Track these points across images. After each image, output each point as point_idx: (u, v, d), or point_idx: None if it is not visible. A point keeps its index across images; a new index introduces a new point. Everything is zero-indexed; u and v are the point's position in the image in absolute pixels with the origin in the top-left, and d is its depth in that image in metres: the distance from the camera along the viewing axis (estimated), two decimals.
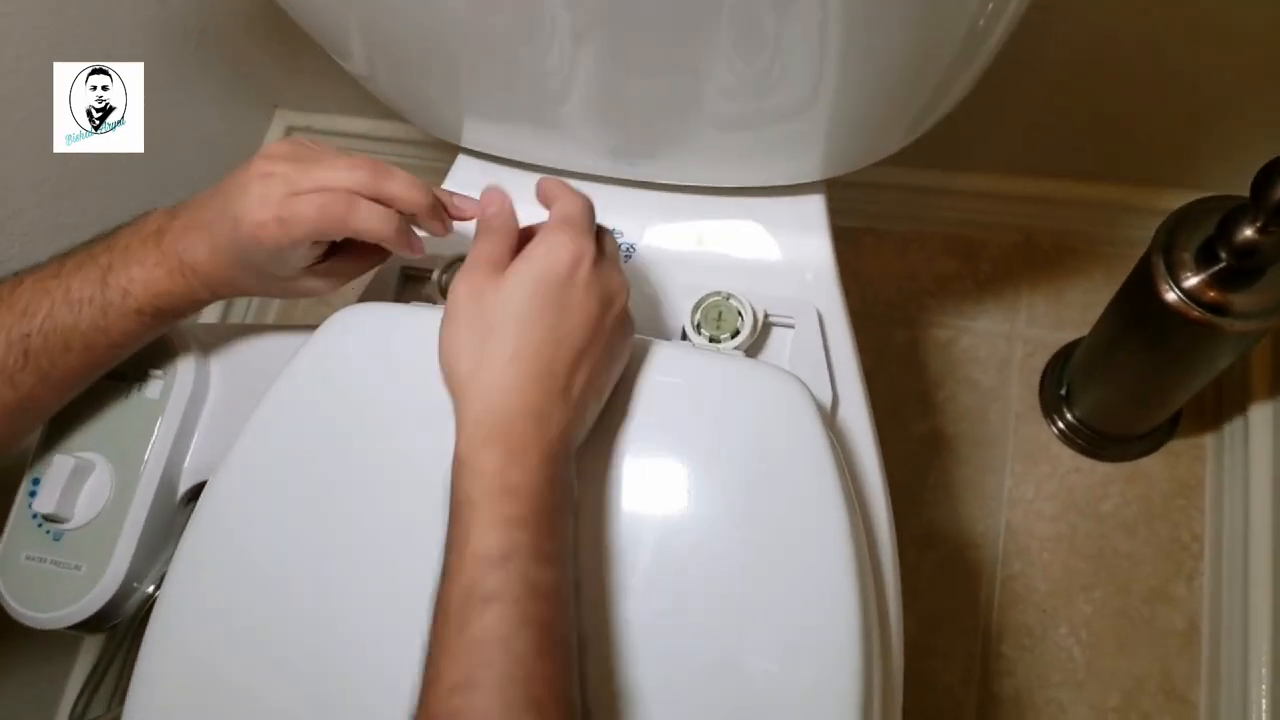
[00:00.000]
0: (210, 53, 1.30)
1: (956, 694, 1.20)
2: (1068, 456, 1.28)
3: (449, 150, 0.92)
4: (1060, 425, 1.28)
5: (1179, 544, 1.22)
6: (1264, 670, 1.07)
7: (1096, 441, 1.26)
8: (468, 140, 0.88)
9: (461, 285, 0.60)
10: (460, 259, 0.78)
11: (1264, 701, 1.06)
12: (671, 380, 0.68)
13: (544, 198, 0.65)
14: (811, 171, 0.82)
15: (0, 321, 0.65)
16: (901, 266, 1.40)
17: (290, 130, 1.50)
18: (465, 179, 0.90)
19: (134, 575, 0.75)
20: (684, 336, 0.78)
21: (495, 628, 0.49)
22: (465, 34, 0.70)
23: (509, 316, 0.58)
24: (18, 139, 1.02)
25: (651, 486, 0.65)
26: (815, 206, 0.85)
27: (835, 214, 0.86)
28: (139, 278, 0.66)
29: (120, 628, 0.78)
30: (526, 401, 0.56)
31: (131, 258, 0.66)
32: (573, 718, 0.50)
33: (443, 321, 0.61)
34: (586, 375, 0.60)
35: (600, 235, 0.64)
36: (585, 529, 0.63)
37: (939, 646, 1.22)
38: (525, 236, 0.63)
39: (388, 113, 0.88)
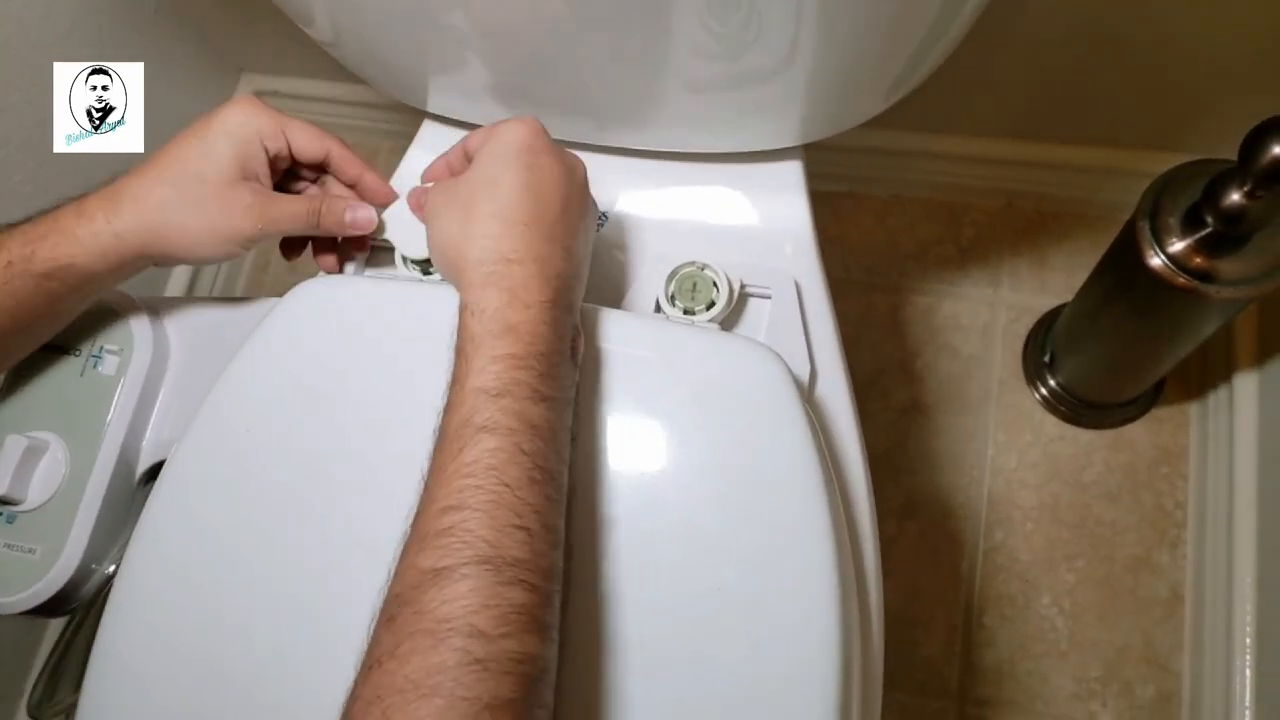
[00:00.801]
0: (171, 17, 1.28)
1: (938, 665, 1.19)
2: (1051, 424, 1.27)
3: (415, 114, 0.90)
4: (1043, 392, 1.27)
5: (1162, 512, 1.21)
6: (1248, 640, 1.07)
7: (1080, 409, 1.25)
8: (433, 105, 0.86)
9: (434, 190, 0.66)
10: None
11: (1248, 671, 1.06)
12: (645, 355, 0.66)
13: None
14: (788, 136, 0.80)
15: None
16: (882, 231, 1.38)
17: (257, 95, 1.46)
18: (431, 143, 0.88)
19: (92, 557, 0.74)
20: (658, 308, 0.76)
21: (488, 456, 0.51)
22: None
23: (483, 183, 0.61)
24: None
25: (624, 465, 0.64)
26: (793, 173, 0.83)
27: (814, 178, 0.84)
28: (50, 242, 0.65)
29: (80, 610, 0.76)
30: (517, 246, 0.59)
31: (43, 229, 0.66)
32: (558, 548, 0.52)
33: (428, 231, 0.65)
34: (569, 228, 0.62)
35: None
36: None
37: (920, 617, 1.21)
38: None
39: (355, 76, 0.86)
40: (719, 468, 0.64)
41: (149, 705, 0.63)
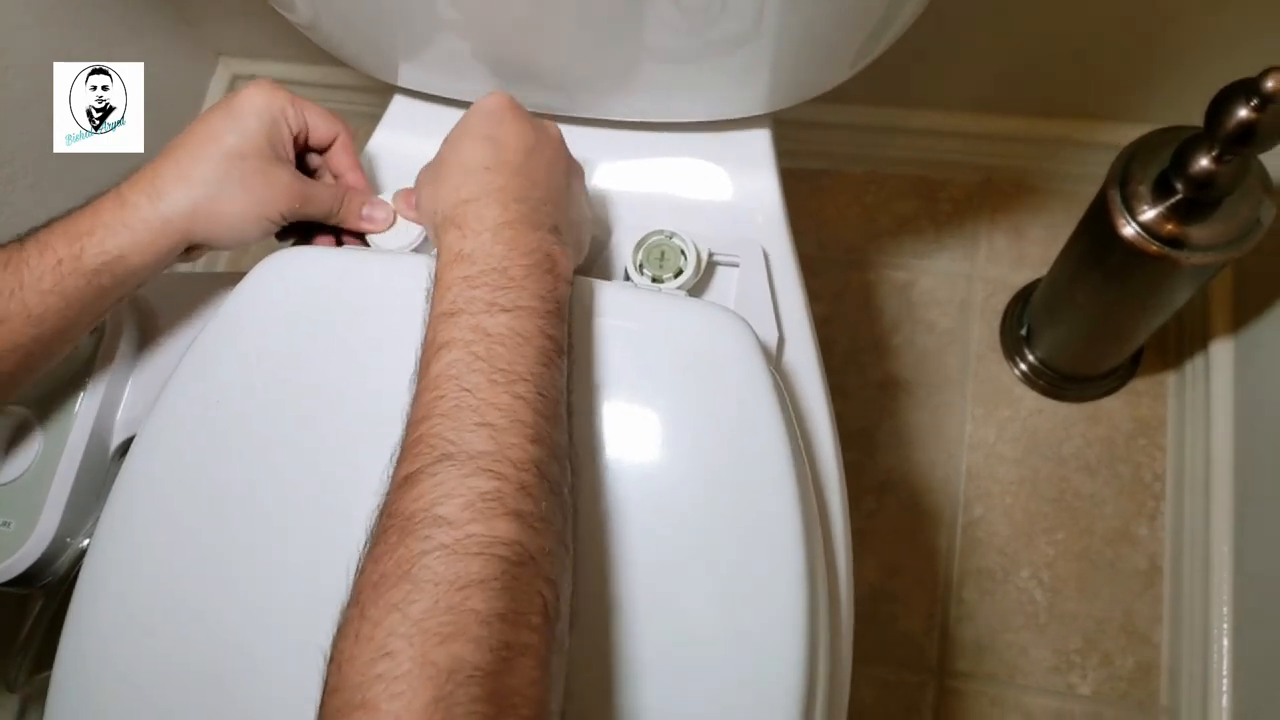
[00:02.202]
0: (149, 1, 1.28)
1: (918, 639, 1.19)
2: (1029, 398, 1.27)
3: (390, 95, 0.91)
4: (1022, 366, 1.28)
5: (1141, 484, 1.22)
6: (1225, 609, 1.08)
7: (1058, 382, 1.25)
8: (404, 79, 0.86)
9: (421, 171, 0.71)
10: None
11: (1225, 640, 1.07)
12: (612, 321, 0.67)
13: None
14: (756, 104, 0.80)
15: None
16: (860, 208, 1.39)
17: (235, 79, 1.47)
18: (401, 120, 0.90)
19: (66, 531, 0.75)
20: (626, 277, 0.76)
21: (448, 368, 0.53)
22: None
23: (450, 147, 0.66)
24: None
25: (593, 428, 0.64)
26: (761, 142, 0.84)
27: (791, 155, 0.84)
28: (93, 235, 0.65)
29: (54, 585, 0.76)
30: (474, 188, 0.62)
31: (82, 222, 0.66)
32: (539, 443, 0.52)
33: (419, 205, 0.71)
34: (537, 166, 0.65)
35: None
36: None
37: (900, 593, 1.21)
38: None
39: (333, 59, 0.86)
40: (686, 430, 0.64)
41: (119, 677, 0.63)
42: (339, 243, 0.78)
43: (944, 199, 1.37)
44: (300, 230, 0.76)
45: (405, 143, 0.86)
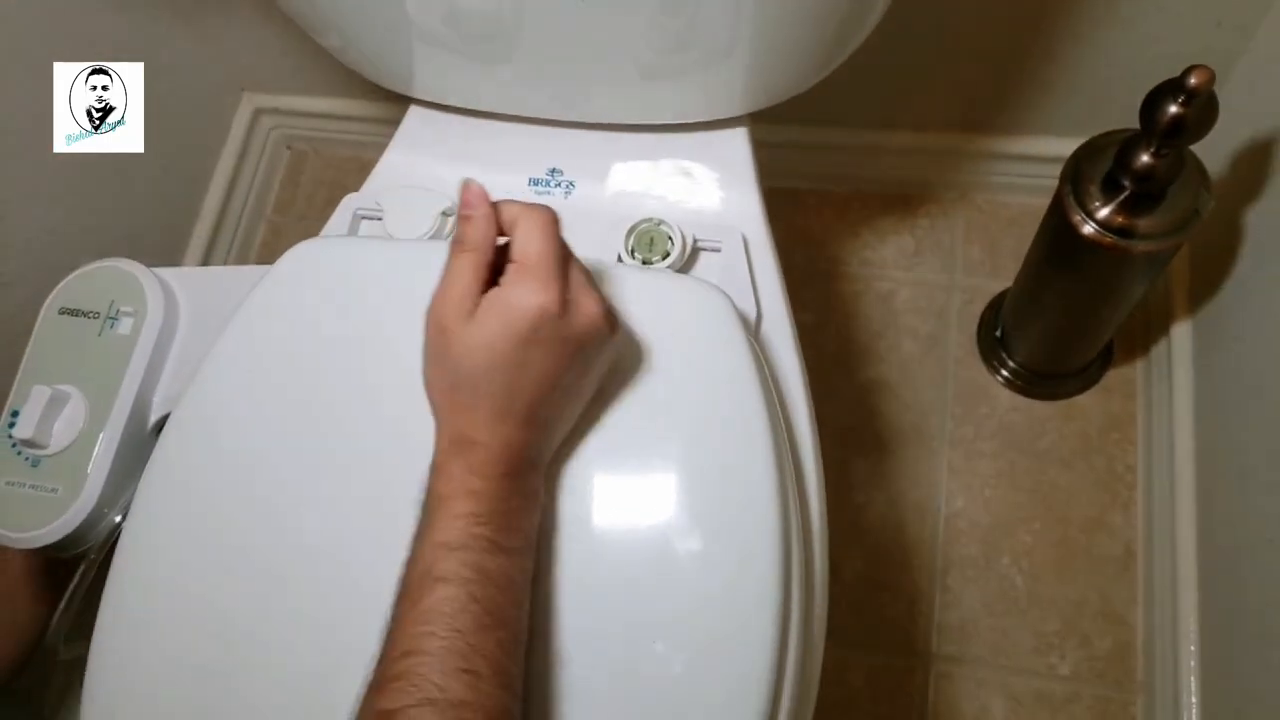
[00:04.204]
0: (176, 34, 1.34)
1: (905, 625, 1.25)
2: (1005, 397, 1.34)
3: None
4: (997, 367, 1.34)
5: (1114, 475, 1.28)
6: (1193, 587, 1.13)
7: (1033, 381, 1.32)
8: (418, 89, 0.93)
9: (431, 318, 0.62)
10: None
11: (1192, 617, 1.12)
12: (606, 295, 0.72)
13: (505, 224, 0.62)
14: (733, 105, 0.87)
15: None
16: (844, 225, 1.46)
17: (258, 112, 1.55)
18: (416, 128, 0.96)
19: (106, 500, 0.79)
20: (619, 262, 0.84)
21: (442, 604, 0.54)
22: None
23: (471, 373, 0.60)
24: None
25: None
26: (740, 141, 0.91)
27: (782, 176, 0.88)
28: None
29: (89, 555, 0.82)
30: (484, 433, 0.60)
31: None
32: (509, 689, 0.55)
33: (424, 364, 0.64)
34: (548, 407, 0.63)
35: (568, 265, 0.62)
36: None
37: (888, 581, 1.27)
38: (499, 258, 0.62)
39: (353, 92, 0.91)
40: (669, 391, 0.70)
41: (156, 645, 0.69)
42: None
43: (922, 214, 1.45)
44: None
45: (419, 154, 0.94)
